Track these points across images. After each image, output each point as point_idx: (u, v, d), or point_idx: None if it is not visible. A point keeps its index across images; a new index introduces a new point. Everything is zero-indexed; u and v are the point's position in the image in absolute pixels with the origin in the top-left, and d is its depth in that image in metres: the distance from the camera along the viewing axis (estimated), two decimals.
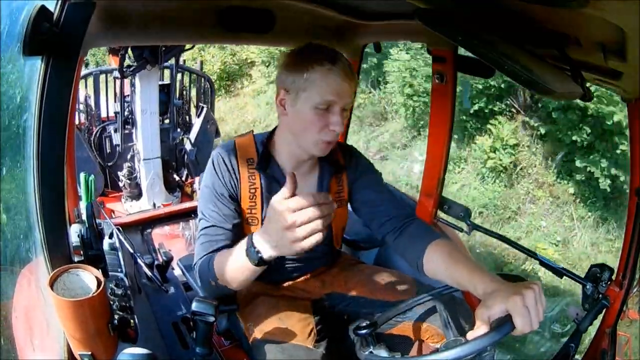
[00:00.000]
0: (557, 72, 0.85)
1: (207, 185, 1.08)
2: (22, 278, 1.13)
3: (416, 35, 1.54)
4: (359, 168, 1.19)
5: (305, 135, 1.02)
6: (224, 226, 1.05)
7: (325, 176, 1.16)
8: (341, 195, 1.18)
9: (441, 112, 1.54)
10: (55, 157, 0.79)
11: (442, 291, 1.07)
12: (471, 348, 0.73)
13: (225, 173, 1.07)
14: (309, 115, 0.99)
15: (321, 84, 0.97)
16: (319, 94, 0.98)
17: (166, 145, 3.29)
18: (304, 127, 1.01)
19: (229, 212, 1.06)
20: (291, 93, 1.01)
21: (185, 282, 1.47)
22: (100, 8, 1.02)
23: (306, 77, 0.97)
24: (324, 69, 0.97)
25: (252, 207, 1.10)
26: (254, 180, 1.09)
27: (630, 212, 1.11)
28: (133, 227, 2.27)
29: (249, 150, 1.11)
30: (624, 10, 0.58)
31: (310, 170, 1.15)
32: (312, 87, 0.97)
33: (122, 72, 2.76)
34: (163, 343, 1.14)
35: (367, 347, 0.94)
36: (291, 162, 1.10)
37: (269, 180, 1.10)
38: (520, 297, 0.72)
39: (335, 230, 1.23)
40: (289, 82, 1.00)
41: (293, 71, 1.00)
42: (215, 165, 1.08)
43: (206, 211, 1.06)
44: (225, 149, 1.10)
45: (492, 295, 0.77)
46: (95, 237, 1.03)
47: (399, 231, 1.08)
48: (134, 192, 3.17)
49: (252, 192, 1.09)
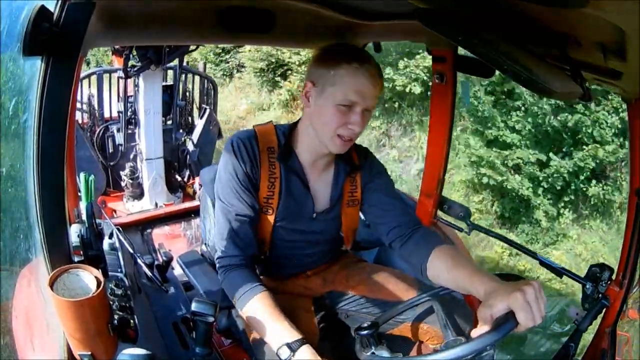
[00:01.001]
0: (557, 72, 0.85)
1: (228, 171, 1.06)
2: (22, 278, 1.12)
3: (416, 35, 1.54)
4: (373, 170, 1.19)
5: (324, 129, 1.03)
6: (247, 214, 1.05)
7: (340, 175, 1.16)
8: (354, 195, 1.18)
9: (441, 112, 1.54)
10: (55, 157, 0.79)
11: (440, 291, 1.07)
12: (475, 346, 0.73)
13: (246, 159, 1.06)
14: (330, 111, 1.01)
15: (347, 82, 0.98)
16: (342, 92, 0.99)
17: (169, 145, 3.29)
18: (324, 122, 1.02)
19: (251, 200, 1.06)
20: (317, 87, 1.02)
21: (185, 282, 1.47)
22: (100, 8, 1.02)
23: (333, 73, 0.99)
24: (351, 67, 0.98)
25: (269, 197, 1.09)
26: (274, 170, 1.09)
27: (630, 212, 1.11)
28: (133, 227, 2.27)
29: (270, 139, 1.10)
30: (624, 10, 0.58)
31: (326, 166, 1.15)
32: (338, 84, 0.99)
33: (126, 72, 2.77)
34: (163, 343, 1.14)
35: (369, 348, 0.94)
36: (310, 155, 1.11)
37: (288, 172, 1.10)
38: (521, 293, 0.74)
39: (345, 230, 1.24)
40: (316, 75, 1.02)
41: (322, 66, 1.01)
42: (235, 150, 1.06)
43: (227, 198, 1.06)
44: (246, 135, 1.09)
45: (493, 294, 0.78)
46: (95, 237, 1.03)
47: (406, 238, 1.10)
48: (136, 192, 3.17)
49: (272, 181, 1.09)
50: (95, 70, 3.39)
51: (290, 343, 0.90)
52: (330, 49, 1.04)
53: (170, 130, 3.34)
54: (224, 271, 1.05)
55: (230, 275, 1.04)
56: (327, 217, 1.17)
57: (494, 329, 0.75)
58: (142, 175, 3.12)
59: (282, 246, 1.17)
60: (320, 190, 1.15)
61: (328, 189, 1.16)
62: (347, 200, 1.17)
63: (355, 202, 1.19)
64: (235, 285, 1.01)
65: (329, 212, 1.17)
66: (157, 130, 3.01)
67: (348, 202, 1.18)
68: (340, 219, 1.20)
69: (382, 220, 1.14)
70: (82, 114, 3.33)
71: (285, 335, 0.92)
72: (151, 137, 3.00)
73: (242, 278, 1.02)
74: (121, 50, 2.78)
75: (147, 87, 2.87)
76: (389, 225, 1.12)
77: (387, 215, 1.13)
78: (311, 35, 1.52)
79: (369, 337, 0.96)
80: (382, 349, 0.96)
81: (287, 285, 1.23)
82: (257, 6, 1.31)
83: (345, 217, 1.20)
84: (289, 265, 1.23)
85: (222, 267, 1.06)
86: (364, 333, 0.96)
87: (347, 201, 1.18)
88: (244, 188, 1.06)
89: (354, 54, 1.00)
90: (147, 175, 3.07)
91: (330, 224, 1.19)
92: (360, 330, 0.96)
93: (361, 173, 1.18)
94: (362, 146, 1.28)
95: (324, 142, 1.06)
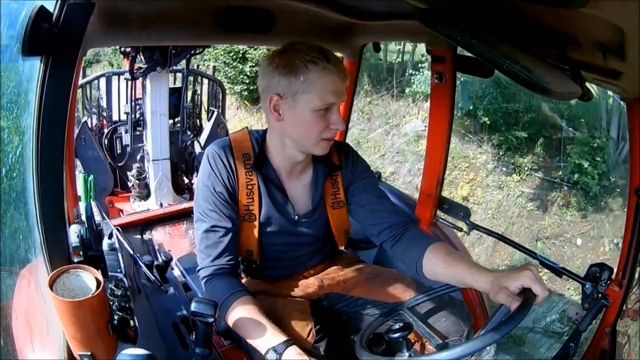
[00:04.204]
0: (556, 72, 0.85)
1: (205, 184, 1.06)
2: (22, 278, 1.12)
3: (416, 35, 1.54)
4: (356, 170, 1.17)
5: (307, 137, 1.01)
6: (225, 225, 1.05)
7: (319, 177, 1.15)
8: (337, 197, 1.17)
9: (440, 112, 1.54)
10: (55, 157, 0.79)
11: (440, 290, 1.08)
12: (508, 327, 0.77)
13: (222, 170, 1.06)
14: (309, 118, 0.98)
15: (320, 85, 0.95)
16: (318, 96, 0.96)
17: (176, 147, 3.32)
18: (306, 131, 1.00)
19: (228, 212, 1.06)
20: (286, 98, 0.97)
21: (185, 282, 1.47)
22: (100, 8, 1.02)
23: (303, 79, 0.95)
24: (319, 68, 0.94)
25: (249, 204, 1.09)
26: (251, 177, 1.08)
27: (630, 211, 1.11)
28: (133, 227, 2.27)
29: (244, 145, 1.10)
30: (624, 10, 0.58)
31: (303, 170, 1.14)
32: (311, 90, 0.95)
33: (133, 73, 2.80)
34: (163, 343, 1.14)
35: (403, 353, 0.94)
36: (285, 164, 1.10)
37: (265, 179, 1.09)
38: (529, 271, 0.83)
39: (336, 232, 1.23)
40: (281, 87, 0.97)
41: (285, 75, 0.96)
42: (211, 162, 1.06)
43: (205, 211, 1.06)
44: (221, 146, 1.08)
45: (502, 279, 0.85)
46: (94, 237, 1.03)
47: (398, 237, 1.10)
48: (143, 193, 3.19)
49: (250, 188, 1.08)
50: (104, 72, 3.43)
51: (276, 346, 0.91)
52: (285, 53, 0.97)
53: (178, 132, 3.37)
54: (205, 282, 1.05)
55: (210, 285, 1.04)
56: (310, 219, 1.16)
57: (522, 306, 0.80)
58: (149, 176, 3.15)
59: (270, 250, 1.17)
60: (299, 195, 1.14)
61: (307, 192, 1.15)
62: (330, 202, 1.17)
63: (341, 204, 1.18)
64: (215, 294, 1.01)
65: (312, 215, 1.16)
66: (163, 131, 3.03)
67: (332, 204, 1.17)
68: (327, 220, 1.19)
69: (371, 222, 1.13)
70: (92, 115, 3.38)
71: (270, 339, 0.92)
72: (157, 138, 3.02)
73: (222, 286, 1.02)
74: (128, 52, 2.82)
75: (153, 88, 2.89)
76: (380, 227, 1.12)
77: (376, 216, 1.13)
78: (311, 35, 1.52)
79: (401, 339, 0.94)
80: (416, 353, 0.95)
81: (283, 288, 1.22)
82: (257, 6, 1.32)
83: (332, 218, 1.19)
84: (281, 267, 1.22)
85: (202, 278, 1.06)
86: (396, 336, 0.94)
87: (332, 203, 1.17)
88: (222, 200, 1.05)
89: (316, 53, 0.95)
90: (153, 176, 3.10)
91: (315, 225, 1.18)
92: (391, 332, 0.94)
93: (342, 173, 1.16)
94: (344, 143, 1.26)
95: (307, 149, 1.05)
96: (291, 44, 1.00)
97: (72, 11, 0.74)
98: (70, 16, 0.74)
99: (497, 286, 0.85)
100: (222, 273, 1.04)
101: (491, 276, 0.88)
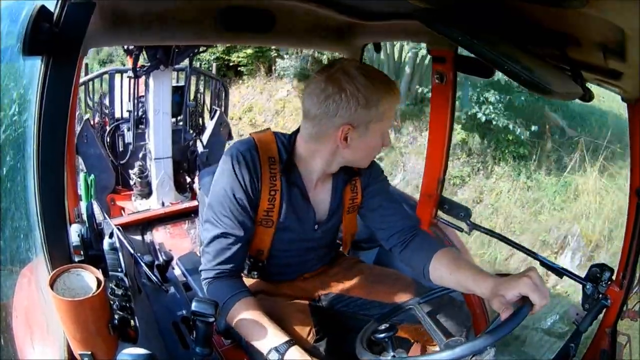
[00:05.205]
0: (557, 72, 0.85)
1: (224, 187, 1.01)
2: (22, 278, 1.12)
3: (416, 35, 1.54)
4: (372, 174, 1.18)
5: (368, 158, 1.06)
6: (236, 233, 1.01)
7: (339, 184, 1.14)
8: (355, 201, 1.17)
9: (441, 113, 1.53)
10: (55, 157, 0.79)
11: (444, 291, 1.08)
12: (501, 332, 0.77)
13: (246, 174, 1.01)
14: (377, 142, 1.02)
15: (391, 112, 1.00)
16: (389, 122, 1.01)
17: (178, 146, 3.31)
18: (368, 153, 1.04)
19: (243, 219, 1.02)
20: (359, 128, 0.96)
21: (186, 282, 1.47)
22: (100, 8, 1.02)
23: (381, 110, 0.96)
24: (389, 96, 0.96)
25: (269, 210, 1.06)
26: (275, 182, 1.05)
27: (631, 212, 1.11)
28: (133, 226, 2.28)
29: (270, 147, 1.06)
30: (624, 10, 0.58)
31: (327, 178, 1.13)
32: (384, 117, 0.98)
33: (135, 71, 2.81)
34: (163, 343, 1.14)
35: (388, 353, 0.94)
36: (316, 175, 1.08)
37: (290, 184, 1.07)
38: (528, 278, 0.81)
39: (345, 236, 1.23)
40: (356, 117, 0.94)
41: (364, 107, 0.94)
42: (234, 164, 1.01)
43: (218, 215, 1.02)
44: (247, 147, 1.03)
45: (500, 286, 0.84)
46: (95, 236, 1.04)
47: (407, 243, 1.11)
48: (144, 191, 3.19)
49: (273, 194, 1.05)
50: (107, 69, 3.42)
51: (278, 346, 0.91)
52: (355, 81, 0.93)
53: (181, 130, 3.36)
54: (206, 283, 1.04)
55: (213, 286, 1.03)
56: (327, 225, 1.16)
57: (513, 315, 0.79)
58: (151, 174, 3.15)
59: (280, 255, 1.16)
60: (321, 201, 1.13)
61: (327, 199, 1.14)
62: (347, 207, 1.17)
63: (356, 207, 1.18)
64: (217, 295, 1.00)
65: (328, 221, 1.16)
66: (165, 130, 3.03)
67: (349, 209, 1.17)
68: (340, 225, 1.20)
69: (382, 226, 1.14)
70: (95, 113, 3.38)
71: (272, 339, 0.92)
72: (160, 136, 3.02)
73: (224, 287, 1.02)
74: (131, 50, 2.82)
75: (156, 87, 2.89)
76: (390, 231, 1.12)
77: (388, 220, 1.13)
78: (311, 35, 1.52)
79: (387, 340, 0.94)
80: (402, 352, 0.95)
81: (284, 289, 1.22)
82: (258, 6, 1.32)
83: (344, 222, 1.20)
84: (287, 272, 1.22)
85: (204, 278, 1.04)
86: (382, 336, 0.94)
87: (348, 208, 1.17)
88: (239, 206, 1.01)
89: (387, 80, 0.97)
90: (155, 175, 3.09)
91: (330, 231, 1.19)
92: (377, 333, 0.95)
93: (361, 178, 1.17)
94: None
95: (358, 165, 1.08)
96: (353, 65, 0.95)
97: (73, 11, 0.75)
98: (71, 16, 0.75)
99: (494, 293, 0.85)
100: (225, 275, 1.03)
101: (492, 282, 0.87)
